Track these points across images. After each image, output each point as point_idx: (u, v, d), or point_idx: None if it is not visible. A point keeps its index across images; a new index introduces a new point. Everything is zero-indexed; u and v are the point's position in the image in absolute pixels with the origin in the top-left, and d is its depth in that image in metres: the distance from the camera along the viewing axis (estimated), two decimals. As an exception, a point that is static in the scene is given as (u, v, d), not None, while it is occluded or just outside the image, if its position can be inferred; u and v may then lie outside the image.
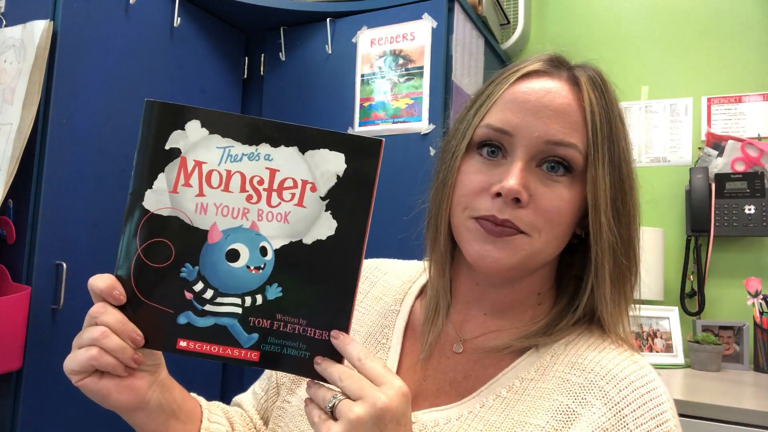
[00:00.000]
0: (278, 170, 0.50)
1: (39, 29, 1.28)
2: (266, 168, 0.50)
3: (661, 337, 1.72)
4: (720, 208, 1.80)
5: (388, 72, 1.64)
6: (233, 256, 0.50)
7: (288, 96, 1.81)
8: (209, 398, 0.68)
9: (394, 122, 1.61)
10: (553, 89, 0.57)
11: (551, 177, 0.56)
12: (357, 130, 1.67)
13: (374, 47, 1.67)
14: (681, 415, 1.22)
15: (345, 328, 0.50)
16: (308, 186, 0.50)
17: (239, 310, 0.50)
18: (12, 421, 1.23)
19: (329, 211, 0.50)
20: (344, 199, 0.50)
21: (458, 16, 1.65)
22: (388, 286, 0.72)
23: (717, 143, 1.87)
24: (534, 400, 0.55)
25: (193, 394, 0.65)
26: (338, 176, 0.50)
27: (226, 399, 0.73)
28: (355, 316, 0.69)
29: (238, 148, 0.50)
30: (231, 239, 0.51)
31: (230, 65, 1.84)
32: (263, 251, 0.50)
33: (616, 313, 0.58)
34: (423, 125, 1.57)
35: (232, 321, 0.50)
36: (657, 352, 1.70)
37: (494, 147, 0.58)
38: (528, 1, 2.16)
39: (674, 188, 1.94)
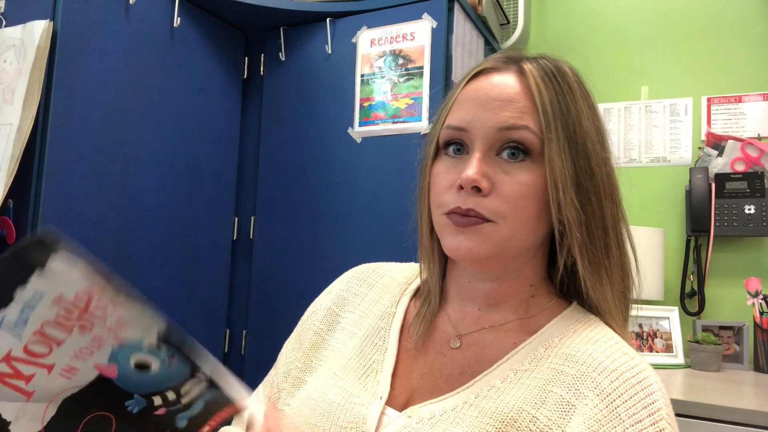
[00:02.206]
0: (61, 294, 0.44)
1: (39, 29, 1.28)
2: (53, 301, 0.44)
3: (661, 337, 1.72)
4: (720, 208, 1.80)
5: (388, 72, 1.64)
6: (143, 366, 0.49)
7: (288, 96, 1.81)
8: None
9: (394, 122, 1.61)
10: (500, 82, 0.60)
11: (511, 163, 0.58)
12: (357, 130, 1.67)
13: (374, 47, 1.67)
14: (681, 415, 1.22)
15: None
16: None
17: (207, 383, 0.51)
18: (12, 421, 1.23)
19: None
20: None
21: (458, 16, 1.65)
22: (385, 289, 0.73)
23: (717, 143, 1.87)
24: (529, 389, 0.55)
25: None
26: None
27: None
28: (353, 318, 0.71)
29: (10, 313, 0.44)
30: (122, 358, 0.48)
31: (230, 65, 1.84)
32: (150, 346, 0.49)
33: (599, 290, 0.59)
34: (423, 125, 1.57)
35: (207, 392, 0.51)
36: (657, 352, 1.69)
37: (458, 145, 0.61)
38: (528, 1, 2.16)
39: (674, 188, 1.94)
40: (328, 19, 1.74)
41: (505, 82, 0.60)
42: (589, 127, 0.59)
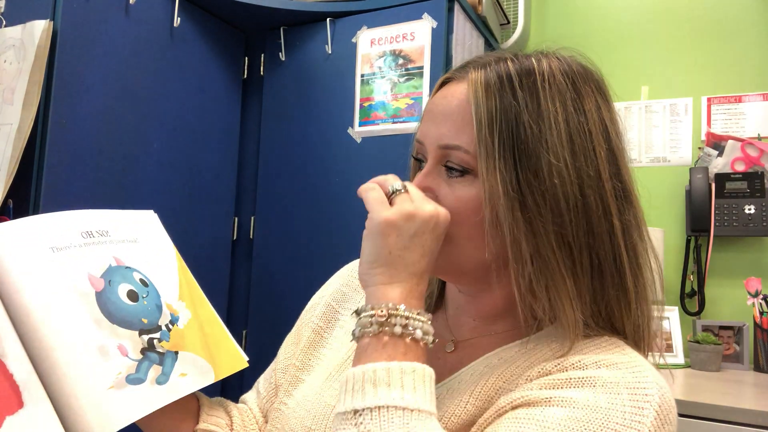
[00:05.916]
0: None
1: (39, 29, 1.28)
2: None
3: (661, 337, 1.72)
4: (720, 208, 1.80)
5: (388, 72, 1.64)
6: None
7: (288, 96, 1.81)
8: (209, 395, 0.69)
9: (394, 122, 1.61)
10: (448, 94, 0.58)
11: (452, 177, 0.57)
12: (357, 130, 1.67)
13: (374, 47, 1.67)
14: (681, 415, 1.22)
15: None
16: None
17: None
18: (12, 421, 1.23)
19: None
20: None
21: (458, 16, 1.65)
22: None
23: (717, 143, 1.87)
24: (510, 369, 0.55)
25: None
26: None
27: (226, 396, 0.74)
28: (353, 316, 0.70)
29: None
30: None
31: (230, 65, 1.84)
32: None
33: (563, 307, 0.53)
34: (423, 125, 1.57)
35: None
36: (657, 352, 1.70)
37: (421, 157, 0.61)
38: (528, 1, 2.16)
39: (674, 188, 1.94)
40: (328, 19, 1.74)
41: (452, 93, 0.58)
42: (557, 136, 0.53)
